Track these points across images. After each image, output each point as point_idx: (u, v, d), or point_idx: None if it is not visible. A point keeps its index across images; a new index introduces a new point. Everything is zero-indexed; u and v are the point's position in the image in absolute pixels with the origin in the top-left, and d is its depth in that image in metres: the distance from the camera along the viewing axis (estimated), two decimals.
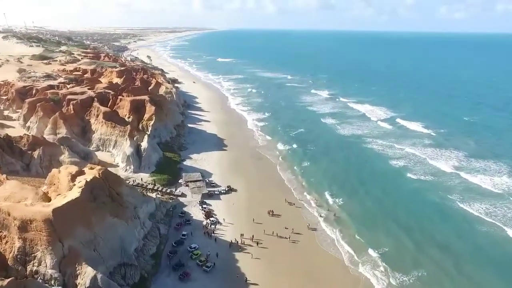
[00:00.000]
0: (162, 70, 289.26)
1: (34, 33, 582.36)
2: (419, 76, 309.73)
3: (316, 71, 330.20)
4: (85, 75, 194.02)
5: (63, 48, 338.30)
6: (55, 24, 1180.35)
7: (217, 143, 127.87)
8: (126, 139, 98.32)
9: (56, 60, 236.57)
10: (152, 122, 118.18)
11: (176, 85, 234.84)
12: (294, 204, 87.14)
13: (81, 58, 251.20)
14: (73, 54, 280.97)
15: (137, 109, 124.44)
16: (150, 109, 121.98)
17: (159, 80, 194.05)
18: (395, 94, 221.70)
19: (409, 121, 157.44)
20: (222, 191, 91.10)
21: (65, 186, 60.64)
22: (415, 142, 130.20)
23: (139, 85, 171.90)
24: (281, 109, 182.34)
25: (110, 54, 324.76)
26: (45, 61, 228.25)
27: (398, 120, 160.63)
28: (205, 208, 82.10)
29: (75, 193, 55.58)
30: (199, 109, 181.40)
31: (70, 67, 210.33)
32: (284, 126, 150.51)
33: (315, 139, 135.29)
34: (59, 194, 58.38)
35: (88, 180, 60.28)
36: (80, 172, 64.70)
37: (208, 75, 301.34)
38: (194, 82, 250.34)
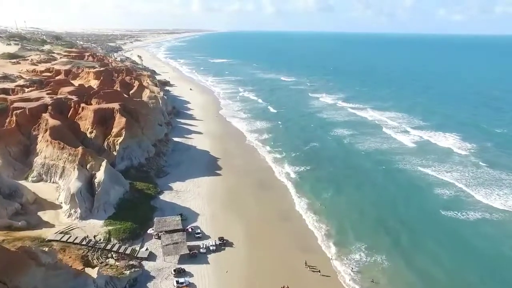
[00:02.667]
0: (153, 71, 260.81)
1: (27, 33, 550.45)
2: (424, 78, 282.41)
3: (316, 72, 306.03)
4: (57, 77, 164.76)
5: (47, 47, 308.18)
6: (53, 26, 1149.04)
7: (209, 165, 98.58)
8: (74, 167, 68.48)
9: (28, 60, 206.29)
10: (120, 139, 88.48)
11: (166, 88, 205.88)
12: (319, 270, 57.75)
13: (60, 58, 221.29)
14: (53, 53, 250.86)
15: (104, 121, 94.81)
16: (119, 121, 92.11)
17: (144, 83, 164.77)
18: (403, 99, 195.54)
19: (426, 131, 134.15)
20: (211, 247, 61.68)
21: None
22: (443, 163, 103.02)
23: (118, 88, 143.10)
24: (283, 117, 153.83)
25: (97, 54, 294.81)
26: (14, 60, 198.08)
27: (413, 131, 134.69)
28: (182, 284, 52.49)
29: None
30: (191, 117, 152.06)
31: (41, 67, 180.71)
32: (290, 139, 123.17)
33: (329, 157, 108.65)
34: None
35: None
36: None
37: (205, 76, 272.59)
38: (191, 89, 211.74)
